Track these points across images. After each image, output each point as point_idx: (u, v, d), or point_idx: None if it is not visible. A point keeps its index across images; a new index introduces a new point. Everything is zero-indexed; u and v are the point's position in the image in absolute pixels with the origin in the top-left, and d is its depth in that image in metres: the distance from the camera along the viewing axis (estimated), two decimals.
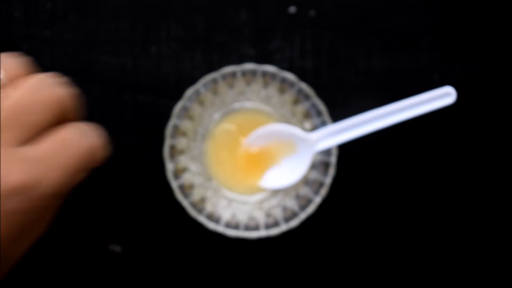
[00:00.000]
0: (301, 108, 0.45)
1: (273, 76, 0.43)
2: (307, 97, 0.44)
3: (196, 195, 0.44)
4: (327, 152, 0.44)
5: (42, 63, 0.49)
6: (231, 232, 0.42)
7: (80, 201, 0.48)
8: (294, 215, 0.43)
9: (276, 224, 0.43)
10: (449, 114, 0.49)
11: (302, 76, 0.49)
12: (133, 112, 0.48)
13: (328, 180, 0.43)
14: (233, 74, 0.43)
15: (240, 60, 0.49)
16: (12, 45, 0.49)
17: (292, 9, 0.49)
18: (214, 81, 0.43)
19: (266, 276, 0.49)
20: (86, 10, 0.49)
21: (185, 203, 0.42)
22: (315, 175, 0.45)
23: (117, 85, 0.49)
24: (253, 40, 0.49)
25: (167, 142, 0.43)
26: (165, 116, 0.45)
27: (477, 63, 0.49)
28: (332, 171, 0.43)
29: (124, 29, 0.49)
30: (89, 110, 0.49)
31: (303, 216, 0.43)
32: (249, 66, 0.43)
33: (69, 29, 0.49)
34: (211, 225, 0.42)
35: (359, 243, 0.49)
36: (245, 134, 0.46)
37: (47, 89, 0.28)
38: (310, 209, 0.43)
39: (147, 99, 0.49)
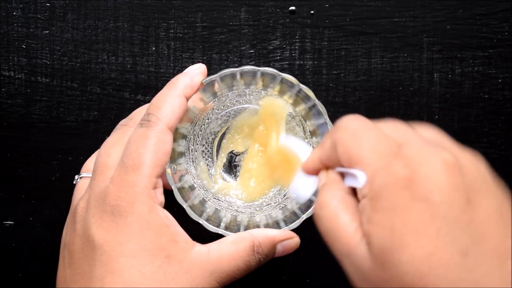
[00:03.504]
0: (301, 109, 0.44)
1: (272, 77, 0.43)
2: (307, 98, 0.44)
3: (196, 197, 0.44)
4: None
5: (41, 62, 0.49)
6: (232, 234, 0.42)
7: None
8: (294, 216, 0.43)
9: (276, 225, 0.43)
10: (450, 115, 0.49)
11: (301, 76, 0.49)
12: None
13: None
14: (232, 76, 0.43)
15: (239, 60, 0.49)
16: (11, 44, 0.49)
17: (292, 9, 0.49)
18: (213, 83, 0.43)
19: (267, 277, 0.49)
20: (85, 9, 0.49)
21: (185, 205, 0.42)
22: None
23: (117, 85, 0.49)
24: (252, 40, 0.49)
25: None
26: None
27: (477, 63, 0.49)
28: None
29: (123, 28, 0.49)
30: (89, 110, 0.49)
31: (303, 216, 0.43)
32: (248, 67, 0.42)
33: (68, 28, 0.49)
34: (211, 227, 0.42)
35: None
36: (244, 136, 0.46)
37: None
38: (311, 210, 0.43)
39: (146, 99, 0.49)
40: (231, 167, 0.47)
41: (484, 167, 0.29)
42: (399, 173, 0.27)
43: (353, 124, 0.31)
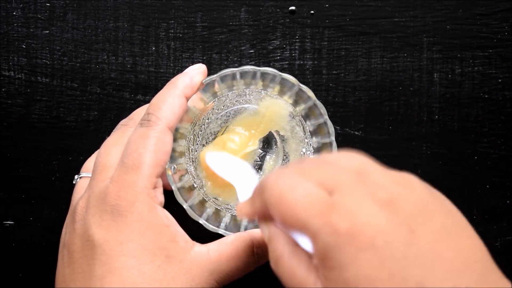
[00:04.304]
0: (301, 109, 0.45)
1: (272, 77, 0.43)
2: (307, 98, 0.44)
3: (196, 197, 0.44)
4: (329, 152, 0.44)
5: (41, 62, 0.49)
6: (232, 234, 0.42)
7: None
8: None
9: None
10: (450, 115, 0.49)
11: (301, 76, 0.49)
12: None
13: None
14: (232, 76, 0.43)
15: (239, 60, 0.49)
16: (11, 44, 0.49)
17: (292, 9, 0.49)
18: (213, 83, 0.43)
19: (267, 277, 0.49)
20: (85, 9, 0.49)
21: (185, 205, 0.42)
22: None
23: (117, 85, 0.49)
24: (252, 40, 0.49)
25: None
26: None
27: (477, 63, 0.49)
28: None
29: (123, 28, 0.49)
30: (89, 110, 0.49)
31: None
32: (248, 68, 0.42)
33: (68, 28, 0.49)
34: (211, 227, 0.42)
35: None
36: (244, 137, 0.46)
37: None
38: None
39: (146, 99, 0.49)
40: None
41: (418, 189, 0.29)
42: (339, 230, 0.27)
43: (279, 184, 0.30)
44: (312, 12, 0.49)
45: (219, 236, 0.41)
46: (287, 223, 0.29)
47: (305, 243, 0.30)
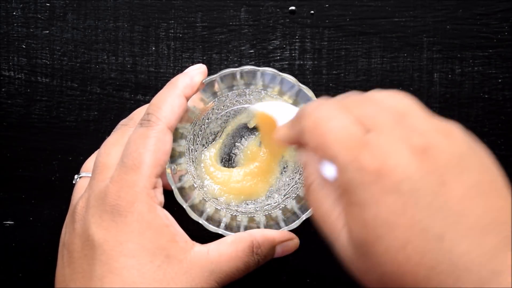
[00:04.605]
0: None
1: (272, 77, 0.43)
2: (307, 98, 0.44)
3: (196, 197, 0.44)
4: None
5: (41, 62, 0.49)
6: (232, 234, 0.42)
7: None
8: (294, 216, 0.43)
9: (276, 225, 0.43)
10: (450, 115, 0.49)
11: (301, 76, 0.49)
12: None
13: None
14: (232, 76, 0.43)
15: (239, 60, 0.49)
16: (11, 44, 0.49)
17: (292, 9, 0.49)
18: (213, 83, 0.43)
19: (267, 277, 0.49)
20: (85, 9, 0.49)
21: (185, 205, 0.42)
22: None
23: (117, 85, 0.49)
24: (252, 40, 0.49)
25: None
26: None
27: (477, 63, 0.49)
28: None
29: (123, 28, 0.49)
30: (89, 110, 0.49)
31: (303, 217, 0.43)
32: (248, 68, 0.42)
33: (68, 28, 0.49)
34: (211, 227, 0.42)
35: None
36: (243, 137, 0.46)
37: None
38: (311, 210, 0.43)
39: (146, 99, 0.49)
40: (231, 166, 0.47)
41: (459, 140, 0.28)
42: (367, 168, 0.27)
43: (317, 113, 0.30)
44: (312, 12, 0.49)
45: (219, 236, 0.41)
46: (318, 152, 0.29)
47: (333, 172, 0.29)
